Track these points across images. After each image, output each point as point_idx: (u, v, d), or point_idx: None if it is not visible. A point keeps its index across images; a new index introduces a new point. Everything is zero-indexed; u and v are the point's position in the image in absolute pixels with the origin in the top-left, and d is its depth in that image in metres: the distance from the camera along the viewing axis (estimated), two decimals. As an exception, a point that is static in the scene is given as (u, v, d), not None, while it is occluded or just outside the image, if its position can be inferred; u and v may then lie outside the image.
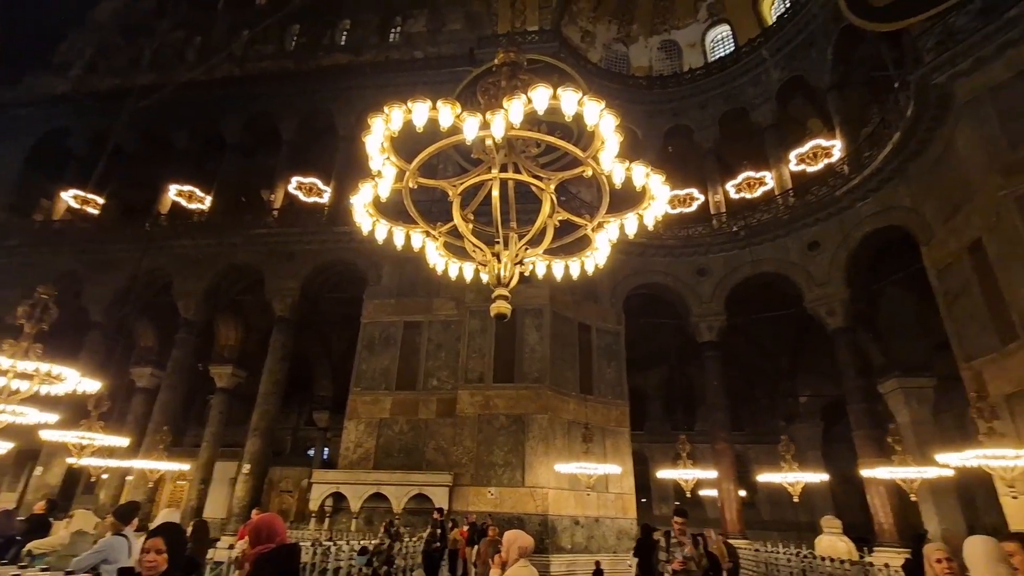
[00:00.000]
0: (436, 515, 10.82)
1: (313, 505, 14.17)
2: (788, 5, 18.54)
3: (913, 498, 12.80)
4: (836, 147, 16.22)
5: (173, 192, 19.73)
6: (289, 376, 17.85)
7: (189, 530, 7.22)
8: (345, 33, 22.70)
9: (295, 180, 19.60)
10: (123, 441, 12.73)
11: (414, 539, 11.22)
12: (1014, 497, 9.69)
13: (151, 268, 18.37)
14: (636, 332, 17.86)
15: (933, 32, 11.13)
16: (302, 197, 19.66)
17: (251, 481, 15.66)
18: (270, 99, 20.99)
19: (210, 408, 21.22)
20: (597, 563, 10.98)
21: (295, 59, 21.83)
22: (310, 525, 14.29)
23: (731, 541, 10.59)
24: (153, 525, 3.34)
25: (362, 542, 10.37)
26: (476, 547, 9.95)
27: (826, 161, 16.51)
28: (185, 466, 17.01)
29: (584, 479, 13.23)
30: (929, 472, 12.07)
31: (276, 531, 2.59)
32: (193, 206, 19.80)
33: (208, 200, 19.92)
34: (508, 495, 13.44)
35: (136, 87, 19.64)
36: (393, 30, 22.28)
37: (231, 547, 8.03)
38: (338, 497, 14.32)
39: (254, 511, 8.45)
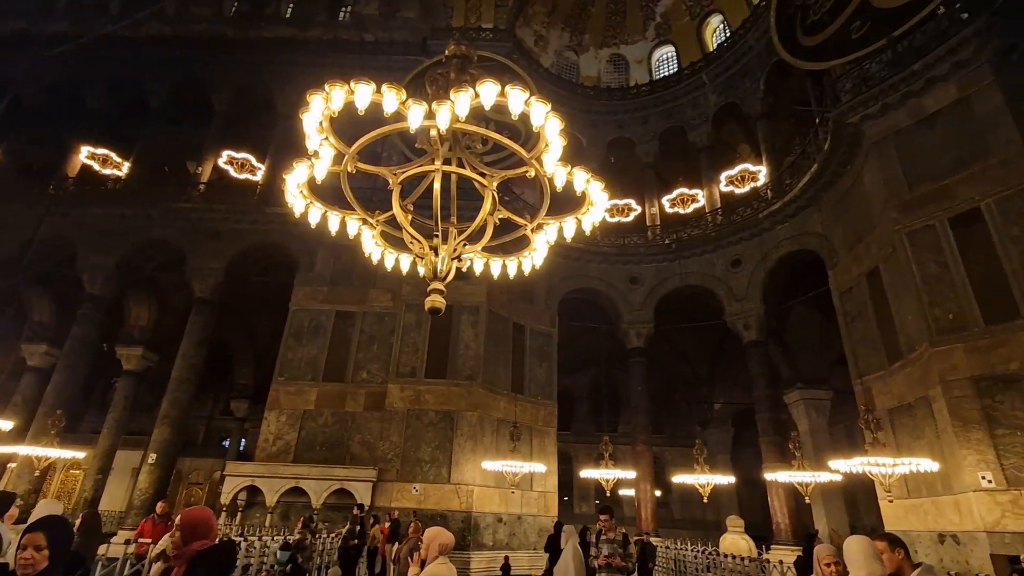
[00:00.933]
0: (356, 511, 10.58)
1: (224, 499, 13.41)
2: (728, 35, 19.68)
3: (807, 500, 13.96)
4: (762, 172, 17.42)
5: (84, 155, 18.01)
6: (207, 362, 16.80)
7: (77, 523, 6.65)
8: (291, 5, 21.64)
9: (226, 154, 18.47)
10: (6, 424, 11.48)
11: (332, 536, 10.91)
12: (890, 501, 10.83)
13: (52, 235, 16.67)
14: (569, 335, 18.30)
15: (851, 76, 12.23)
16: (233, 173, 18.56)
17: (157, 472, 14.60)
18: (203, 65, 19.61)
19: (114, 392, 19.58)
20: (506, 558, 11.16)
21: (234, 26, 20.52)
22: (219, 520, 13.52)
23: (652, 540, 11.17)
24: (33, 518, 3.04)
25: (278, 537, 9.96)
26: (396, 544, 9.82)
27: (752, 184, 17.70)
28: (80, 454, 15.60)
29: (510, 477, 13.39)
30: (822, 476, 13.21)
31: (212, 527, 2.44)
32: (108, 172, 18.17)
33: (125, 167, 18.35)
34: (433, 492, 13.36)
35: (43, 34, 17.74)
36: (343, 9, 21.50)
37: (128, 542, 7.46)
38: (253, 491, 13.63)
39: (159, 504, 7.92)
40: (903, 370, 11.15)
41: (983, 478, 8.95)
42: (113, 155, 18.10)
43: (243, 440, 25.04)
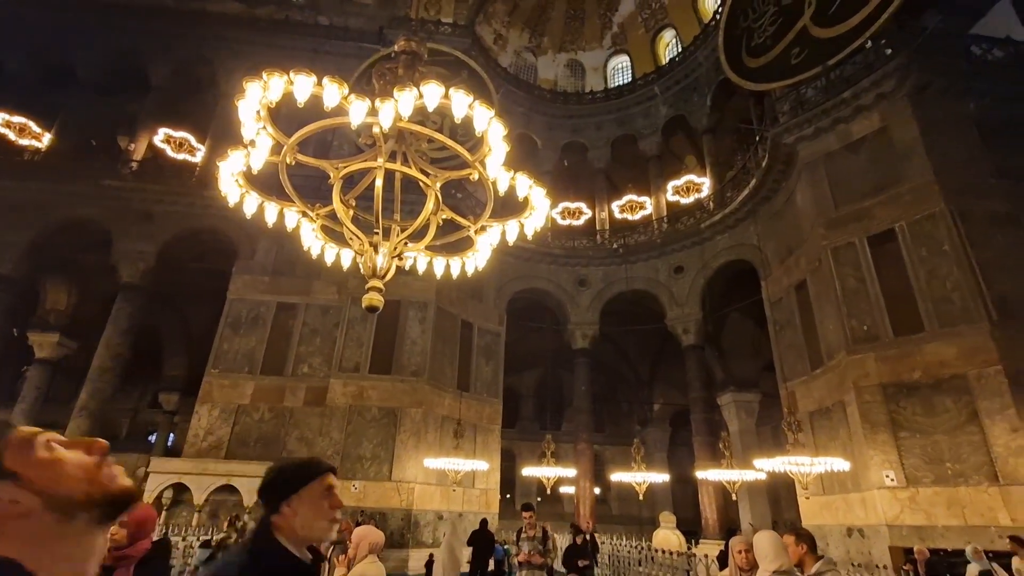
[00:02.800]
0: (290, 508, 10.27)
1: (148, 497, 12.67)
2: (680, 50, 20.42)
3: (735, 497, 14.74)
4: (706, 184, 18.20)
5: (-1, 121, 16.55)
6: (134, 351, 15.79)
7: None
8: (241, -19, 20.60)
9: (163, 132, 17.43)
10: None
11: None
12: (807, 498, 11.61)
13: (-48, 208, 15.21)
14: (517, 334, 18.47)
15: (789, 99, 13.00)
16: (170, 152, 17.54)
17: (69, 468, 13.59)
18: (140, 36, 18.37)
19: (24, 381, 18.08)
20: (431, 555, 11.15)
21: (177, -3, 19.36)
22: (141, 518, 12.76)
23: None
24: None
25: (204, 537, 9.54)
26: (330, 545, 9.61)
27: (697, 195, 18.47)
28: (-20, 448, 14.30)
29: (452, 475, 13.38)
30: (748, 475, 13.97)
31: (155, 526, 2.33)
32: (25, 142, 16.74)
33: (47, 138, 16.97)
34: (373, 489, 13.16)
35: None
36: (297, -11, 20.69)
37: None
38: (180, 489, 12.98)
39: None
40: (824, 376, 11.96)
41: (887, 476, 9.76)
42: (32, 124, 16.69)
43: (172, 435, 23.72)
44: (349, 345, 14.63)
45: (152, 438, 24.29)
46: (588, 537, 11.33)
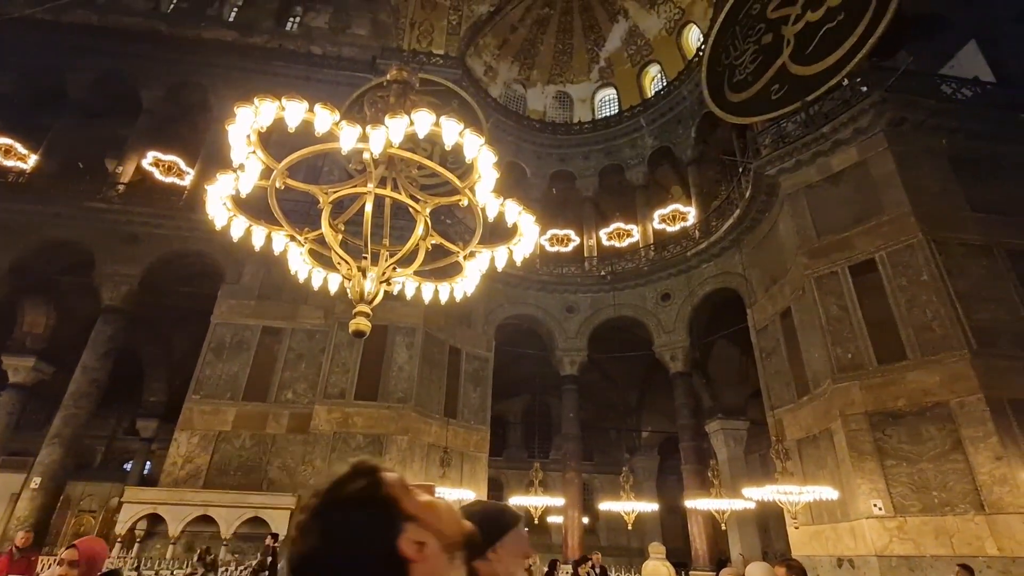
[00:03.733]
0: (270, 541, 9.94)
1: (120, 528, 12.19)
2: (665, 84, 21.05)
3: (724, 527, 14.54)
4: (691, 213, 18.53)
5: (-17, 141, 16.41)
6: (113, 376, 15.40)
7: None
8: (235, 9, 21.01)
9: (152, 155, 17.39)
10: None
11: (241, 568, 10.17)
12: (796, 527, 11.51)
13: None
14: (504, 360, 18.36)
15: (770, 132, 13.40)
16: (158, 175, 17.47)
17: (40, 499, 13.07)
18: (133, 60, 18.51)
19: (-5, 407, 17.47)
20: None
21: (170, 23, 19.62)
22: (113, 552, 12.25)
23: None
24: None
25: (178, 572, 9.16)
26: None
27: (682, 224, 18.77)
28: (-55, 477, 13.74)
29: (436, 504, 13.04)
30: (737, 504, 13.84)
31: (103, 561, 2.24)
32: (10, 163, 16.60)
33: (33, 159, 16.85)
34: (355, 520, 12.77)
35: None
36: (292, 19, 21.14)
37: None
38: (155, 519, 12.50)
39: (20, 535, 6.56)
40: (810, 403, 12.01)
41: (875, 505, 9.73)
42: (18, 146, 16.57)
43: (148, 463, 22.99)
44: (335, 371, 14.42)
45: (128, 466, 23.52)
46: (598, 570, 11.07)
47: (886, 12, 11.58)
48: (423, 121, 3.09)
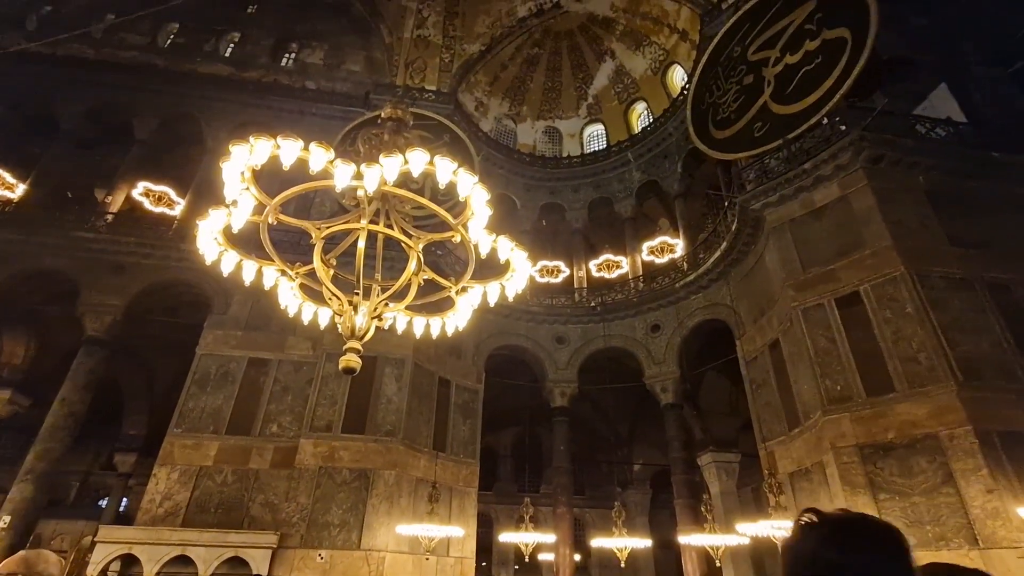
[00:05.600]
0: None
1: (92, 570, 11.64)
2: (651, 120, 21.66)
3: (718, 564, 14.24)
4: (679, 245, 18.81)
5: (-30, 171, 16.32)
6: (92, 408, 14.99)
7: None
8: (232, 45, 21.41)
9: (143, 185, 17.40)
10: None
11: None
12: (791, 563, 11.29)
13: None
14: (494, 391, 18.18)
15: (753, 168, 13.76)
16: (148, 205, 17.44)
17: (8, 539, 12.49)
18: (127, 91, 18.72)
19: (-34, 442, 16.89)
20: None
21: (166, 58, 19.95)
22: (81, 596, 11.69)
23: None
24: None
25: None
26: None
27: (670, 256, 19.02)
28: (-92, 517, 13.10)
29: (425, 542, 12.70)
30: (731, 540, 13.59)
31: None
32: (-2, 192, 16.50)
33: (21, 188, 16.77)
34: (340, 559, 12.35)
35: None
36: (287, 55, 21.58)
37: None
38: (130, 560, 11.98)
39: None
40: (801, 436, 11.96)
41: (869, 541, 9.59)
42: (6, 175, 16.51)
43: (125, 499, 22.17)
44: (322, 403, 14.16)
45: (103, 503, 22.65)
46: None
47: (860, 56, 12.11)
48: (418, 160, 3.14)
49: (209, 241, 3.48)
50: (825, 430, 10.84)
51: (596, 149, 23.20)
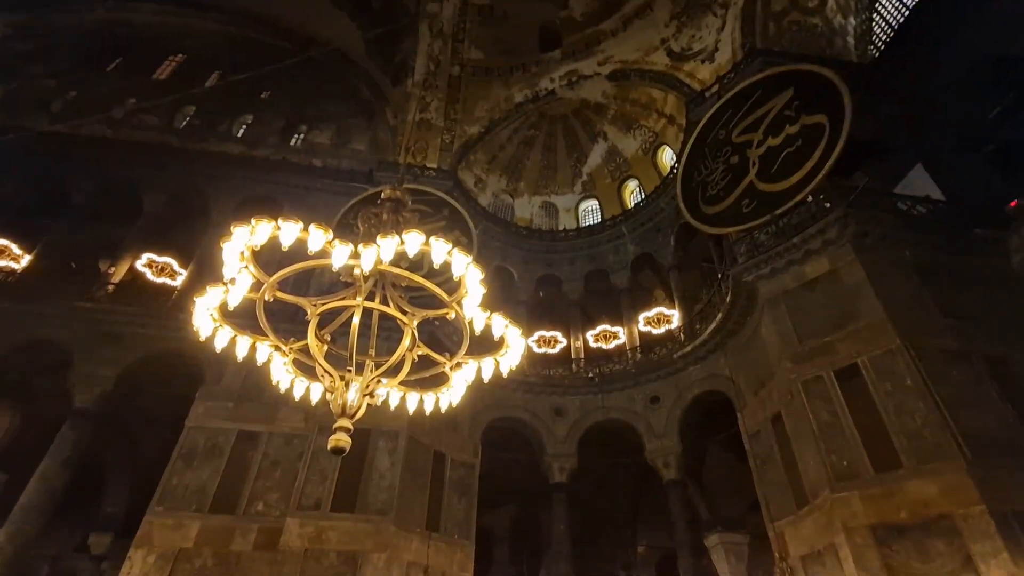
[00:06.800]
0: None
1: (48, 670, 10.70)
2: (643, 196, 22.57)
3: (732, 661, 13.13)
4: (675, 316, 18.92)
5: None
6: (71, 484, 14.36)
7: None
8: (244, 127, 22.66)
9: (146, 256, 17.74)
10: None
11: None
12: (809, 660, 10.43)
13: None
14: (490, 466, 17.53)
15: (744, 242, 14.14)
16: (150, 276, 17.69)
17: (-40, 635, 11.56)
18: (140, 168, 19.52)
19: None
20: None
21: (181, 137, 21.04)
22: None
23: None
24: None
25: None
26: None
27: (667, 327, 19.09)
28: None
29: (413, 637, 11.77)
30: (744, 633, 12.64)
31: None
32: (2, 263, 16.78)
33: (26, 259, 17.07)
34: (321, 657, 11.38)
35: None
36: (296, 135, 22.77)
37: None
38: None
39: None
40: (810, 515, 11.42)
41: (892, 636, 8.94)
42: (13, 246, 16.88)
43: (94, 587, 20.65)
44: (311, 479, 13.59)
45: (69, 591, 21.07)
46: None
47: (838, 140, 12.83)
48: (413, 241, 3.27)
49: (205, 317, 3.53)
50: (835, 509, 10.39)
51: (591, 223, 23.94)
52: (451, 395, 4.39)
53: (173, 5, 22.60)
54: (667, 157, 22.35)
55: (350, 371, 3.56)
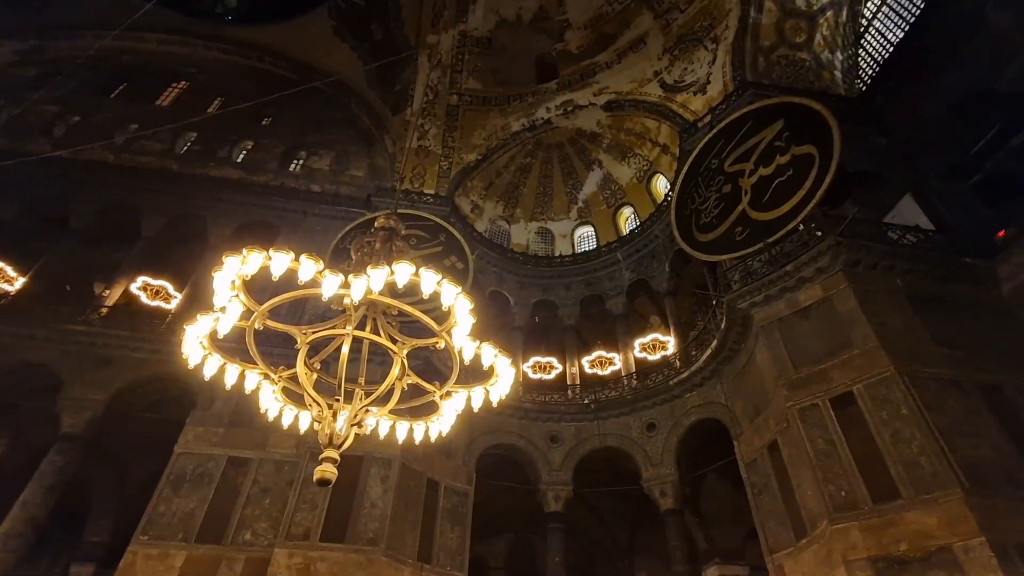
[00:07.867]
0: None
1: None
2: (638, 223, 22.80)
3: None
4: (671, 343, 18.89)
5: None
6: (55, 511, 14.03)
7: None
8: (244, 152, 22.92)
9: (141, 279, 17.70)
10: None
11: None
12: None
13: None
14: (484, 494, 17.24)
15: (738, 269, 14.26)
16: (144, 299, 17.62)
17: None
18: (140, 192, 19.66)
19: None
20: None
21: (181, 162, 21.26)
22: None
23: None
24: None
25: None
26: None
27: (663, 353, 19.03)
28: None
29: (402, 674, 11.38)
30: (744, 671, 12.27)
31: None
32: (-3, 286, 16.73)
33: (20, 282, 17.02)
34: None
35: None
36: (296, 161, 23.02)
37: None
38: None
39: None
40: (809, 547, 11.21)
41: (895, 674, 8.70)
42: (8, 269, 16.85)
43: (73, 620, 19.96)
44: (301, 507, 13.32)
45: (48, 625, 20.35)
46: None
47: (828, 170, 13.07)
48: (403, 272, 3.31)
49: (194, 345, 3.54)
50: (834, 541, 10.22)
51: (587, 249, 24.10)
52: (441, 424, 4.36)
53: (179, 35, 23.07)
54: (661, 185, 22.66)
55: (338, 400, 3.54)
